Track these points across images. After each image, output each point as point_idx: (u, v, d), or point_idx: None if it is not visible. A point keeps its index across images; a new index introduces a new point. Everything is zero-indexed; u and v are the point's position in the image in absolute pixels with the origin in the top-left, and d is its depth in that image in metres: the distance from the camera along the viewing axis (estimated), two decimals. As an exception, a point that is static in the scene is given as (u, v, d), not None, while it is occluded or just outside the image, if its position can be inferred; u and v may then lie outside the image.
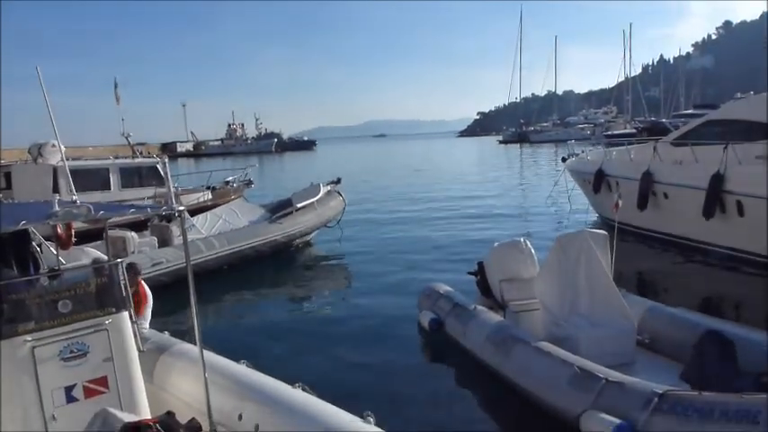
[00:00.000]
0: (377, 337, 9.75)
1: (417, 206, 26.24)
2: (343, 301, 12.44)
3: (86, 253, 9.64)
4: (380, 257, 16.05)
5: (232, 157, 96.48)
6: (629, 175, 16.17)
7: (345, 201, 18.36)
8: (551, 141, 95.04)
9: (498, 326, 7.75)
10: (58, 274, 4.95)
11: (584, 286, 7.46)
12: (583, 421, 5.55)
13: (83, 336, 4.67)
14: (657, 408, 5.14)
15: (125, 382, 4.84)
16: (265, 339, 9.91)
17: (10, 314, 4.51)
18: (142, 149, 23.42)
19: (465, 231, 19.29)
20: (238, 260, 14.65)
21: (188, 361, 5.40)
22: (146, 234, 14.20)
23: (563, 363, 6.31)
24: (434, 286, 9.82)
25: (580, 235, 7.76)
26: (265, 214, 17.38)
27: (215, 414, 4.75)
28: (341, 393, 4.61)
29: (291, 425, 4.16)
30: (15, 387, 4.44)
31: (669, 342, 7.27)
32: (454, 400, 7.43)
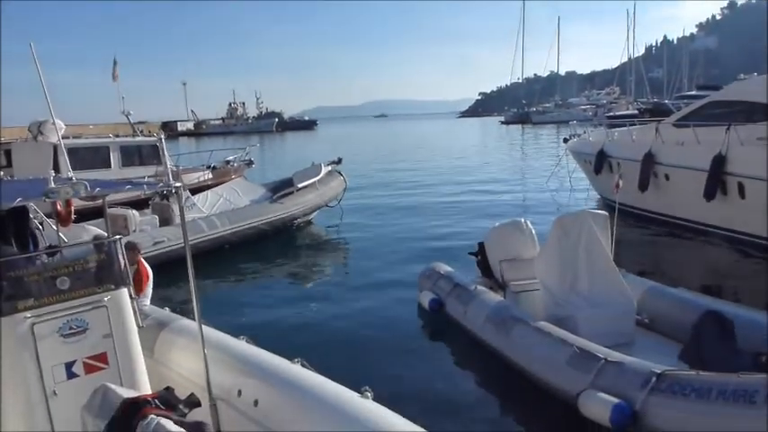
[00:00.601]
0: (376, 316, 9.79)
1: (417, 186, 26.21)
2: (343, 281, 12.45)
3: (87, 230, 9.65)
4: (381, 238, 16.06)
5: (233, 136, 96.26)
6: (630, 156, 16.12)
7: (346, 181, 18.33)
8: (553, 122, 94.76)
9: (498, 306, 7.77)
10: (57, 251, 4.95)
11: (584, 266, 7.45)
12: (581, 400, 5.57)
13: (82, 312, 4.68)
14: (655, 387, 5.16)
15: (124, 358, 4.86)
16: (265, 316, 9.96)
17: (9, 291, 4.52)
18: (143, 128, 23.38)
19: (465, 212, 19.28)
20: (239, 239, 14.67)
21: (188, 337, 5.42)
22: (147, 213, 14.22)
23: (562, 343, 6.33)
24: (435, 266, 9.84)
25: (581, 215, 7.74)
26: (266, 194, 17.38)
27: (215, 389, 4.78)
28: (340, 370, 4.62)
29: (290, 400, 4.18)
30: (16, 363, 4.46)
31: (668, 322, 7.29)
32: (454, 379, 7.48)
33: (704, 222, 13.78)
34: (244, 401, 4.56)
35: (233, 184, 17.92)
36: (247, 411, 4.48)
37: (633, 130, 17.75)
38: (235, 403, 4.64)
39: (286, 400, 4.23)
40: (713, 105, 14.76)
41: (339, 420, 3.77)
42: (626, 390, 5.32)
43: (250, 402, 4.48)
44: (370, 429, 3.58)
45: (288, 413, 4.13)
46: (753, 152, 12.16)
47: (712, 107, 14.69)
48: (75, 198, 4.56)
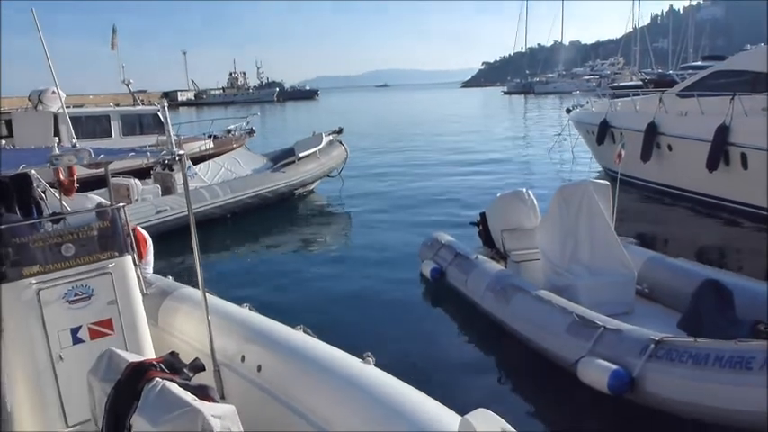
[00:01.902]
0: (378, 284, 9.87)
1: (419, 157, 26.15)
2: (344, 250, 12.52)
3: (90, 199, 9.68)
4: (382, 207, 16.09)
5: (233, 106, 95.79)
6: (633, 126, 16.05)
7: (347, 151, 18.29)
8: (556, 93, 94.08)
9: (499, 275, 7.82)
10: (61, 218, 4.97)
11: (585, 236, 7.48)
12: (580, 367, 5.64)
13: (87, 279, 4.72)
14: (653, 354, 5.22)
15: (129, 324, 4.91)
16: (267, 284, 10.04)
17: (15, 257, 4.55)
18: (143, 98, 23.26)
19: (467, 182, 19.27)
20: (241, 209, 14.71)
21: (191, 304, 5.47)
22: (149, 182, 14.25)
23: (562, 311, 6.38)
24: (436, 236, 9.87)
25: (582, 185, 7.75)
26: (267, 163, 17.38)
27: (218, 355, 4.83)
28: (341, 337, 4.66)
29: (293, 365, 4.23)
30: (22, 328, 4.51)
31: (668, 292, 7.34)
32: (454, 346, 7.58)
33: (706, 193, 13.77)
34: (247, 367, 4.62)
35: (234, 154, 17.91)
36: (251, 376, 4.54)
37: (636, 100, 17.64)
38: (238, 369, 4.70)
39: (289, 365, 4.28)
40: (718, 75, 14.64)
41: (341, 385, 3.82)
42: (624, 357, 5.39)
43: (253, 368, 4.54)
44: (372, 394, 3.63)
45: (290, 378, 4.18)
46: (756, 123, 12.09)
47: (717, 77, 14.57)
48: (79, 166, 4.56)
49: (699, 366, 4.88)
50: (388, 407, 3.48)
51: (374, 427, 3.45)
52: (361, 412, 3.57)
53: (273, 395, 4.26)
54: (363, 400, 3.63)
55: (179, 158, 4.59)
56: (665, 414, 5.19)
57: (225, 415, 3.27)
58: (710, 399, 4.78)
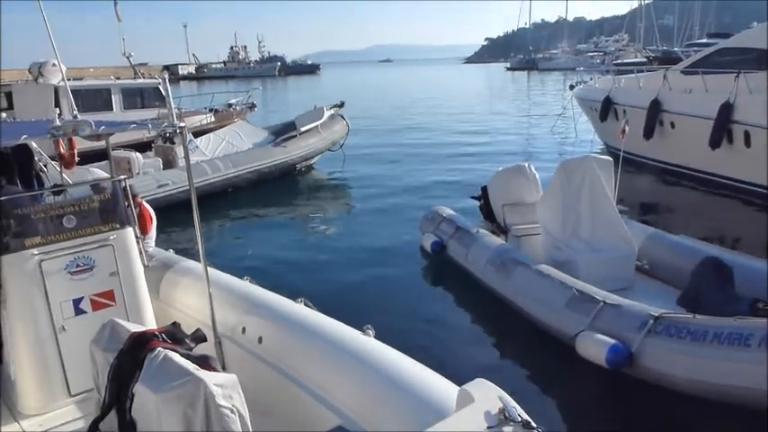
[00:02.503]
0: (379, 258, 9.91)
1: (420, 132, 26.06)
2: (346, 224, 12.54)
3: (91, 172, 9.67)
4: (383, 182, 16.08)
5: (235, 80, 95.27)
6: (636, 103, 15.95)
7: (349, 125, 18.22)
8: (560, 69, 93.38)
9: (500, 249, 7.84)
10: (62, 189, 4.97)
11: (587, 211, 7.48)
12: (578, 341, 5.68)
13: (88, 250, 4.73)
14: (652, 330, 5.26)
15: (131, 295, 4.93)
16: (268, 258, 10.08)
17: (17, 228, 4.56)
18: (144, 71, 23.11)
19: (469, 157, 19.23)
20: (243, 183, 14.70)
21: (192, 277, 5.49)
22: (150, 155, 14.22)
23: (562, 285, 6.41)
24: (437, 210, 9.88)
25: (585, 160, 7.73)
26: (269, 137, 17.31)
27: (219, 327, 4.86)
28: (342, 309, 4.68)
29: (294, 337, 4.26)
30: (26, 299, 4.53)
31: (668, 268, 7.35)
32: (454, 319, 7.64)
33: (708, 171, 13.74)
34: (248, 339, 4.65)
35: (235, 128, 17.84)
36: (252, 348, 4.57)
37: (641, 77, 17.51)
38: (239, 340, 4.73)
39: (290, 337, 4.31)
40: (723, 52, 14.52)
41: (341, 356, 3.86)
42: (623, 332, 5.42)
43: (254, 340, 4.57)
44: (372, 365, 3.66)
45: (291, 349, 4.22)
46: (761, 100, 12.02)
47: (722, 54, 14.45)
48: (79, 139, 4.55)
49: (697, 342, 4.92)
50: (387, 378, 3.52)
51: (374, 397, 3.48)
52: (361, 383, 3.61)
53: (274, 366, 4.29)
54: (363, 371, 3.66)
55: (180, 131, 4.58)
56: (663, 389, 5.24)
57: (227, 384, 3.30)
58: (708, 375, 4.82)
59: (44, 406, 4.55)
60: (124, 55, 17.81)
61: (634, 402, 5.41)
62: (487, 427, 2.35)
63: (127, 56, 17.98)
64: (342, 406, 3.64)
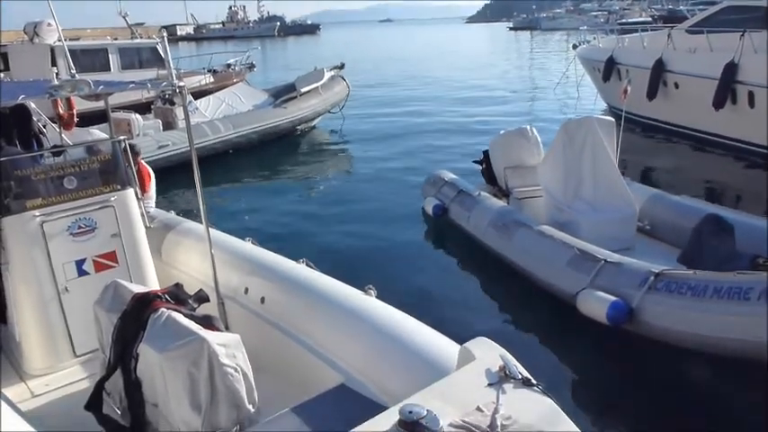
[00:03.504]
0: (380, 220, 9.92)
1: (423, 94, 25.84)
2: (347, 186, 12.53)
3: (91, 134, 9.64)
4: (385, 144, 16.01)
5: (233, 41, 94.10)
6: (640, 63, 15.76)
7: (349, 86, 18.07)
8: (563, 29, 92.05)
9: (502, 211, 7.83)
10: (62, 150, 4.94)
11: (589, 172, 7.45)
12: (580, 299, 5.72)
13: (89, 212, 4.73)
14: (652, 286, 5.29)
15: (133, 256, 4.94)
16: (269, 220, 10.10)
17: (17, 190, 4.55)
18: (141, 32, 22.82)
19: (470, 120, 19.09)
20: (243, 144, 14.64)
21: (194, 238, 5.49)
22: (149, 117, 14.14)
23: (563, 245, 6.42)
24: (439, 173, 9.84)
25: (587, 121, 7.66)
26: (269, 99, 17.20)
27: (222, 288, 4.89)
28: (343, 271, 4.69)
29: (297, 296, 4.29)
30: (28, 261, 4.55)
31: (669, 228, 7.34)
32: (456, 280, 7.70)
33: (711, 132, 13.65)
34: (251, 299, 4.67)
35: (235, 89, 17.70)
36: (254, 308, 4.60)
37: (645, 36, 17.27)
38: (242, 301, 4.76)
39: (292, 297, 4.33)
40: (729, 11, 14.28)
41: (343, 315, 3.88)
42: (624, 289, 5.46)
43: (257, 300, 4.59)
44: (374, 323, 3.69)
45: (294, 309, 4.24)
46: (765, 60, 11.87)
47: (728, 13, 14.21)
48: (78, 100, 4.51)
49: (697, 298, 4.96)
50: (389, 336, 3.54)
51: (375, 355, 3.52)
52: (363, 341, 3.64)
53: (277, 326, 4.33)
54: (365, 329, 3.69)
55: (180, 91, 4.54)
56: (663, 345, 5.29)
57: (230, 343, 3.33)
58: (708, 328, 4.87)
59: (49, 366, 4.60)
60: (120, 14, 17.57)
61: (634, 358, 5.47)
62: (488, 384, 2.38)
63: (123, 15, 17.74)
64: (344, 364, 3.68)
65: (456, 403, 2.25)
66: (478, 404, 2.25)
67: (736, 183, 11.45)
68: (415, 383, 2.44)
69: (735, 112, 12.70)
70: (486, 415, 2.20)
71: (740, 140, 12.79)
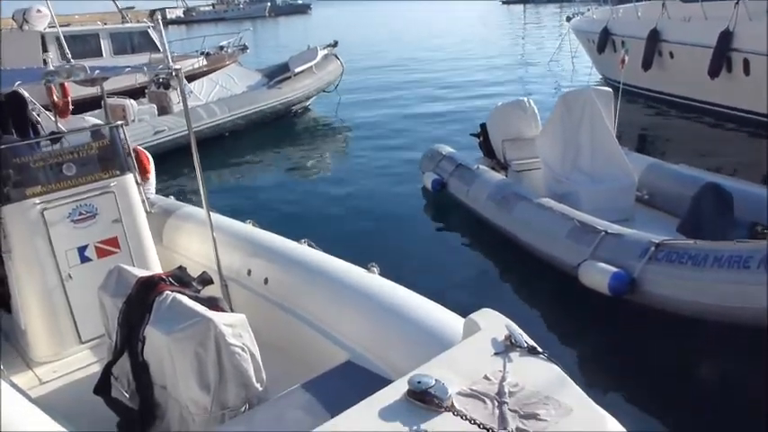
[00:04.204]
0: (379, 198, 9.94)
1: (417, 70, 25.69)
2: (345, 165, 12.52)
3: (86, 121, 9.57)
4: (380, 122, 15.96)
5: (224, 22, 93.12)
6: (635, 33, 15.68)
7: (343, 65, 17.96)
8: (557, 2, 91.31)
9: (501, 184, 7.84)
10: (60, 137, 4.93)
11: (587, 143, 7.45)
12: (581, 271, 5.74)
13: (90, 198, 4.73)
14: (653, 256, 5.32)
15: (135, 242, 4.95)
16: (268, 202, 10.10)
17: (16, 178, 4.55)
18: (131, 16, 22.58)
19: (467, 94, 19.03)
20: (239, 126, 14.59)
21: (195, 222, 5.50)
22: (144, 102, 14.05)
23: (563, 217, 6.44)
24: (437, 148, 9.83)
25: (585, 92, 7.65)
26: (262, 79, 17.09)
27: (224, 270, 4.90)
28: (345, 250, 4.70)
29: (300, 276, 4.30)
30: (30, 249, 4.55)
31: (668, 198, 7.36)
32: (457, 254, 7.73)
33: (707, 101, 13.63)
34: (254, 280, 4.69)
35: (228, 71, 17.59)
36: (258, 289, 4.62)
37: (639, 6, 17.15)
38: (245, 282, 4.78)
39: (295, 277, 4.35)
40: (723, -22, 14.18)
41: (347, 293, 3.90)
42: (625, 259, 5.49)
43: (260, 281, 4.61)
44: (378, 300, 3.71)
45: (298, 289, 4.26)
46: (760, 27, 11.81)
47: (722, -21, 14.11)
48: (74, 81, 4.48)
49: (698, 267, 4.99)
50: (393, 312, 3.57)
51: (381, 331, 3.54)
52: (368, 318, 3.66)
53: (281, 306, 4.35)
54: (369, 306, 3.71)
55: (176, 74, 4.51)
56: (664, 315, 5.34)
57: (236, 323, 3.35)
58: (709, 297, 4.91)
59: (56, 353, 4.62)
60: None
61: (636, 328, 5.51)
62: (494, 354, 2.40)
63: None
64: (350, 341, 3.71)
65: (463, 373, 2.28)
66: (485, 373, 2.28)
67: (734, 151, 11.45)
68: (421, 357, 2.46)
69: (730, 81, 12.67)
70: (493, 383, 2.22)
71: (736, 108, 12.77)
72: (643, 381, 4.96)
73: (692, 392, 4.80)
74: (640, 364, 5.13)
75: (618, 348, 5.42)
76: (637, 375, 5.03)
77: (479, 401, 2.14)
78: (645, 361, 5.14)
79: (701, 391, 4.81)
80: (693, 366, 5.07)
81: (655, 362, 5.11)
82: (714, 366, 5.07)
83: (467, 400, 2.15)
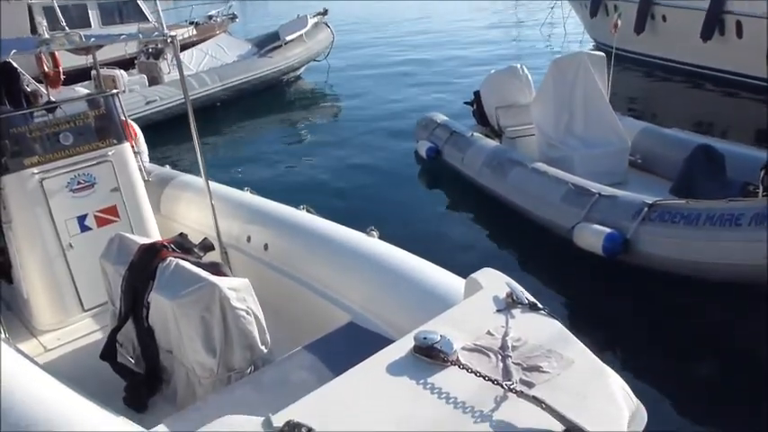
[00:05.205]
0: (374, 166, 9.95)
1: (408, 38, 25.47)
2: (338, 134, 12.46)
3: (77, 92, 9.50)
4: (372, 90, 15.87)
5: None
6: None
7: (334, 33, 17.79)
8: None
9: (495, 150, 7.87)
10: (56, 106, 4.90)
11: (580, 107, 7.46)
12: (575, 233, 5.82)
13: (88, 167, 4.73)
14: (646, 217, 5.39)
15: (134, 210, 4.97)
16: (263, 171, 10.10)
17: (14, 148, 4.54)
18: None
19: (458, 62, 18.89)
20: (231, 96, 14.48)
21: (193, 190, 5.50)
22: (134, 72, 13.92)
23: (558, 181, 6.49)
24: (431, 116, 9.82)
25: (577, 56, 7.64)
26: (252, 49, 16.95)
27: (224, 237, 4.93)
28: (342, 216, 4.72)
29: (300, 242, 4.34)
30: (31, 219, 4.56)
31: (661, 161, 7.40)
32: (453, 220, 7.82)
33: (700, 64, 13.61)
34: (254, 247, 4.72)
35: (217, 41, 17.42)
36: (258, 255, 4.65)
37: (632, -32, 17.01)
38: (245, 249, 4.81)
39: (295, 242, 4.38)
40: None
41: (348, 256, 3.94)
42: (618, 221, 5.56)
43: (260, 247, 4.64)
44: (378, 263, 3.75)
45: (298, 254, 4.30)
46: None
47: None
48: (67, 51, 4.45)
49: (691, 226, 5.07)
50: (394, 274, 3.61)
51: (382, 293, 3.59)
52: (369, 280, 3.71)
53: (282, 271, 4.39)
54: (370, 269, 3.76)
55: (171, 41, 4.49)
56: (657, 275, 5.43)
57: (240, 287, 3.40)
58: (701, 255, 5.01)
59: (59, 321, 4.65)
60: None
61: (631, 287, 5.61)
62: (496, 311, 2.46)
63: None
64: (351, 303, 3.76)
65: (466, 329, 2.33)
66: (488, 329, 2.34)
67: (726, 113, 11.50)
68: (424, 317, 2.50)
69: (723, 44, 12.65)
70: (496, 338, 2.28)
71: (729, 72, 12.77)
72: (641, 339, 5.10)
73: (685, 345, 4.91)
74: (638, 324, 5.24)
75: (614, 309, 5.52)
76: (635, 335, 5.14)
77: (483, 356, 2.20)
78: (642, 320, 5.24)
79: (694, 343, 4.92)
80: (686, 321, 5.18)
81: (649, 318, 5.22)
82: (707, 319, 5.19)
83: (471, 354, 2.20)
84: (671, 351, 4.88)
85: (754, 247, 4.65)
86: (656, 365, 4.75)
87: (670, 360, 4.80)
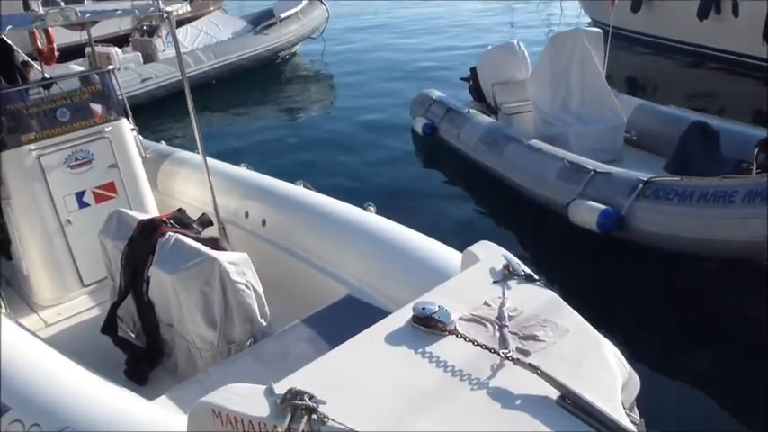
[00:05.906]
0: (371, 142, 9.96)
1: (403, 16, 25.25)
2: (334, 111, 12.45)
3: (71, 69, 9.46)
4: (368, 68, 15.77)
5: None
6: (624, -27, 15.46)
7: (328, 10, 17.66)
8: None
9: (492, 127, 7.88)
10: (52, 82, 4.89)
11: (576, 84, 7.45)
12: (571, 209, 5.86)
13: (85, 144, 4.74)
14: (641, 194, 5.42)
15: (132, 186, 4.99)
16: (260, 148, 10.09)
17: (11, 125, 4.54)
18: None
19: (455, 40, 18.76)
20: (226, 74, 14.38)
21: (190, 167, 5.52)
22: (128, 50, 13.81)
23: (553, 158, 6.52)
24: (427, 92, 9.79)
25: (574, 33, 7.63)
26: (247, 26, 16.77)
27: (222, 213, 4.96)
28: (339, 192, 4.76)
29: (298, 217, 4.37)
30: (29, 195, 4.57)
31: (656, 138, 7.41)
32: (449, 196, 7.85)
33: (696, 43, 13.57)
34: (251, 222, 4.76)
35: (211, 18, 17.22)
36: (256, 231, 4.69)
37: (629, -55, 16.86)
38: (243, 224, 4.85)
39: (293, 217, 4.42)
40: None
41: (345, 231, 3.99)
42: (613, 197, 5.60)
43: (258, 222, 4.68)
44: (376, 237, 3.79)
45: (296, 229, 4.34)
46: None
47: None
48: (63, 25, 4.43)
49: (685, 203, 5.11)
50: (392, 247, 3.66)
51: (380, 266, 3.64)
52: (367, 254, 3.76)
53: (280, 246, 4.43)
54: (368, 243, 3.81)
55: (167, 17, 4.48)
56: (651, 251, 5.49)
57: (239, 261, 3.44)
58: (695, 231, 5.06)
59: (59, 297, 4.69)
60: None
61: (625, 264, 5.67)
62: (493, 282, 2.50)
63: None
64: (349, 277, 3.81)
65: (464, 300, 2.37)
66: (485, 299, 2.38)
67: (722, 92, 11.49)
68: (421, 289, 2.54)
69: (719, 22, 12.60)
70: (493, 308, 2.33)
71: (725, 50, 12.74)
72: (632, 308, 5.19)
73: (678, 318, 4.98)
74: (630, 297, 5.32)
75: (609, 284, 5.59)
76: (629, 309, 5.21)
77: (481, 325, 2.24)
78: (635, 294, 5.32)
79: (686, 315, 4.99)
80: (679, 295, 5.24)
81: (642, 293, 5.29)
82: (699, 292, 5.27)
83: (469, 324, 2.25)
84: (663, 322, 4.96)
85: (747, 224, 4.70)
86: (648, 336, 4.84)
87: (662, 331, 4.89)
